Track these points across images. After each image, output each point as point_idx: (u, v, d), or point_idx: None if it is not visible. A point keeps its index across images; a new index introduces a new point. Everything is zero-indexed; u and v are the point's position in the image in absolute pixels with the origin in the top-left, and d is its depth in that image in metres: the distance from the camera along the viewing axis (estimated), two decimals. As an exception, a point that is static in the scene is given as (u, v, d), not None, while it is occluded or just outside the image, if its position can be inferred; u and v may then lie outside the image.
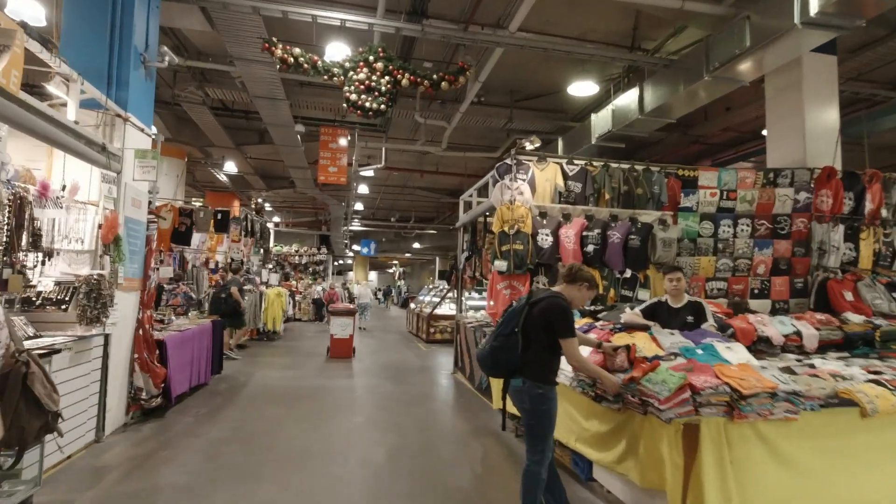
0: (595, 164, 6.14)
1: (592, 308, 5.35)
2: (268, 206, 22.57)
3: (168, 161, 12.90)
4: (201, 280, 10.97)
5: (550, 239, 5.83)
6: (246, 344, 11.06)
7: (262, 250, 13.23)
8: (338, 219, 22.49)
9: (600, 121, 8.98)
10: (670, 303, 4.24)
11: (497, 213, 5.82)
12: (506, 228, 5.73)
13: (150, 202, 5.38)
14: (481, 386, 6.80)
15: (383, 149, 12.17)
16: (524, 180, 5.87)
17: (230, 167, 15.16)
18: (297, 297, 18.29)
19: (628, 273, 5.99)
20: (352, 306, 10.50)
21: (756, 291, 6.35)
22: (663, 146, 12.22)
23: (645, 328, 3.94)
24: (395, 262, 42.22)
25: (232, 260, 11.26)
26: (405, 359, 10.32)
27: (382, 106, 6.02)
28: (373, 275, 44.93)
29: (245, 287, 11.24)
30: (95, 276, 4.16)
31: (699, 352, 3.19)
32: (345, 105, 6.09)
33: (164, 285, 8.98)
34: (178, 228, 9.23)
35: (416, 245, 30.91)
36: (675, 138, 11.56)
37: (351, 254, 35.11)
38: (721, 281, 6.33)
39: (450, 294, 13.38)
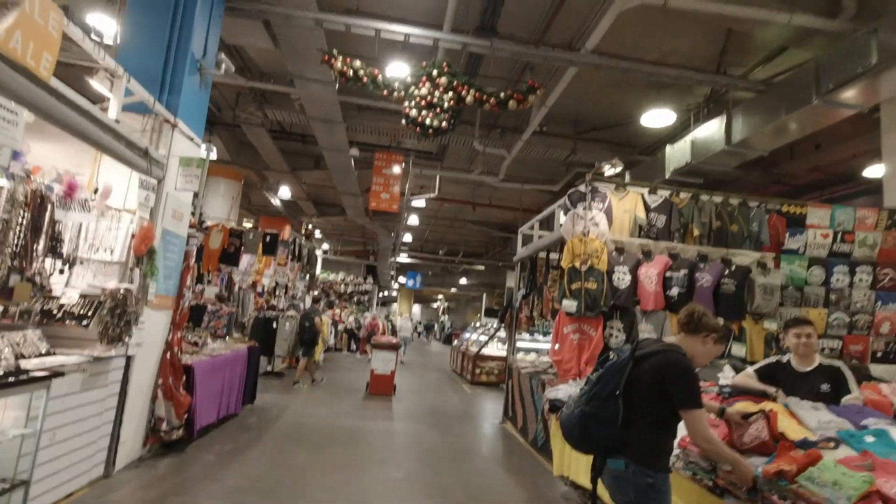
0: (682, 195, 5.35)
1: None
2: (318, 234, 22.72)
3: (225, 183, 13.06)
4: (247, 303, 10.72)
5: (629, 278, 5.04)
6: (283, 372, 10.61)
7: (307, 276, 12.97)
8: (385, 249, 22.27)
9: (676, 153, 8.18)
10: (795, 364, 3.34)
11: (567, 247, 5.11)
12: (577, 264, 5.00)
13: (193, 215, 5.03)
14: (536, 442, 5.93)
15: (437, 177, 11.78)
16: (600, 210, 5.16)
17: (284, 192, 15.24)
18: (340, 327, 17.91)
19: (721, 322, 5.07)
20: (395, 340, 9.89)
21: (879, 355, 5.26)
22: (740, 184, 11.13)
23: (764, 395, 3.08)
24: (440, 296, 41.62)
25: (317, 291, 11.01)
26: (449, 402, 9.51)
27: (444, 123, 5.54)
28: (416, 308, 44.43)
29: (289, 314, 10.90)
30: (122, 291, 3.76)
31: (868, 439, 2.32)
32: (403, 122, 5.66)
33: (209, 306, 8.71)
34: (226, 249, 9.05)
35: (463, 280, 30.26)
36: (756, 177, 10.50)
37: (396, 286, 34.88)
38: (834, 339, 5.29)
39: (499, 333, 12.55)
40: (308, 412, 7.21)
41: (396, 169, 10.72)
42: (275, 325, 10.13)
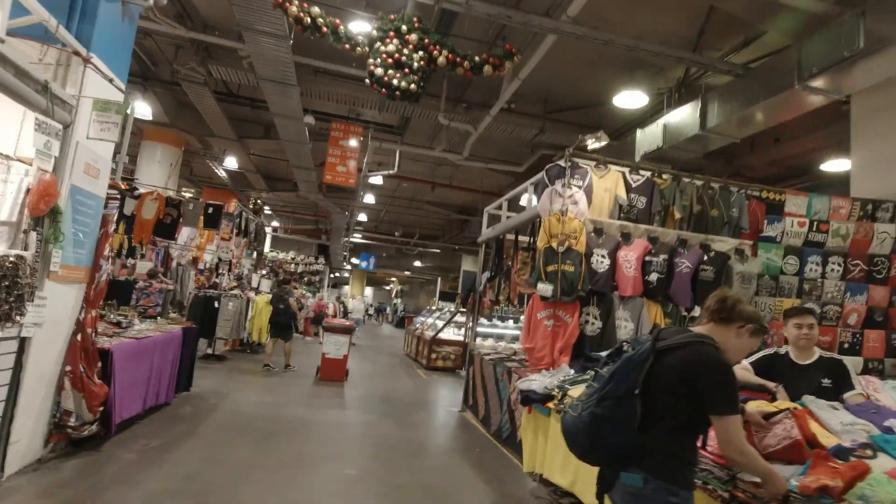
0: (664, 176, 5.06)
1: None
2: (267, 210, 21.50)
3: (162, 148, 11.89)
4: (186, 280, 9.80)
5: (607, 262, 4.71)
6: (226, 356, 9.80)
7: (255, 253, 12.08)
8: (339, 228, 21.37)
9: (648, 137, 7.96)
10: (794, 357, 3.09)
11: (544, 226, 4.72)
12: (554, 245, 4.62)
13: (114, 173, 4.25)
14: (500, 434, 5.59)
15: (397, 152, 11.15)
16: (580, 188, 4.78)
17: (230, 162, 14.14)
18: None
19: (697, 311, 4.85)
20: (348, 322, 9.31)
21: (846, 346, 5.22)
22: (704, 174, 11.21)
23: (763, 390, 2.80)
24: (394, 279, 41.00)
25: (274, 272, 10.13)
26: (405, 388, 9.06)
27: (413, 85, 4.97)
28: (368, 290, 43.60)
29: (232, 292, 10.06)
30: (12, 259, 3.01)
31: (903, 445, 2.04)
32: (367, 81, 5.05)
33: (140, 282, 7.82)
34: (162, 220, 8.14)
35: (418, 263, 29.76)
36: (719, 167, 10.54)
37: (349, 266, 33.93)
38: (804, 330, 5.19)
39: (456, 318, 12.19)
40: (251, 400, 6.56)
41: (354, 141, 10.02)
42: (216, 304, 9.30)
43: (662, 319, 4.77)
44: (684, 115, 7.24)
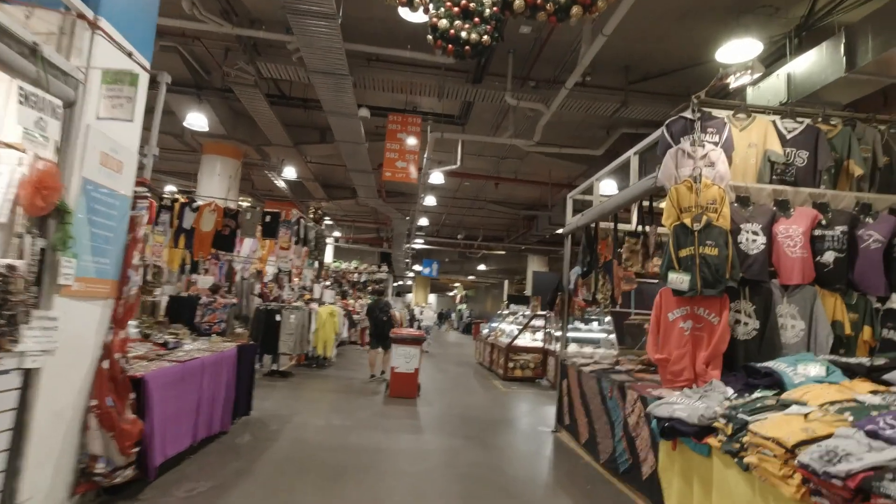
0: (833, 121, 3.78)
1: (848, 360, 2.98)
2: (328, 221, 21.36)
3: (221, 161, 11.71)
4: (250, 293, 9.40)
5: (762, 239, 3.51)
6: (291, 371, 9.26)
7: (316, 262, 11.59)
8: (400, 235, 20.79)
9: (765, 93, 6.53)
10: None
11: (670, 197, 3.58)
12: (687, 221, 3.48)
13: (141, 167, 3.59)
14: (615, 466, 4.45)
15: (460, 144, 10.26)
16: (715, 145, 3.62)
17: (289, 172, 13.86)
18: (356, 317, 16.54)
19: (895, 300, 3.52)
20: (417, 332, 8.48)
21: None
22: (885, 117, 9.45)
23: None
24: (458, 284, 40.25)
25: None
26: (484, 404, 8.08)
27: (485, 37, 4.02)
28: (432, 297, 43.11)
29: (294, 304, 9.54)
30: (1, 270, 2.34)
31: None
32: (429, 38, 4.15)
33: (203, 297, 7.35)
34: (220, 231, 7.72)
35: (482, 267, 28.75)
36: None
37: (412, 274, 33.52)
38: None
39: (535, 322, 11.06)
40: (317, 424, 5.82)
41: (413, 135, 9.22)
42: (278, 317, 8.76)
43: (845, 315, 3.48)
44: (818, 59, 5.79)
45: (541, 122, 8.76)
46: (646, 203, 5.23)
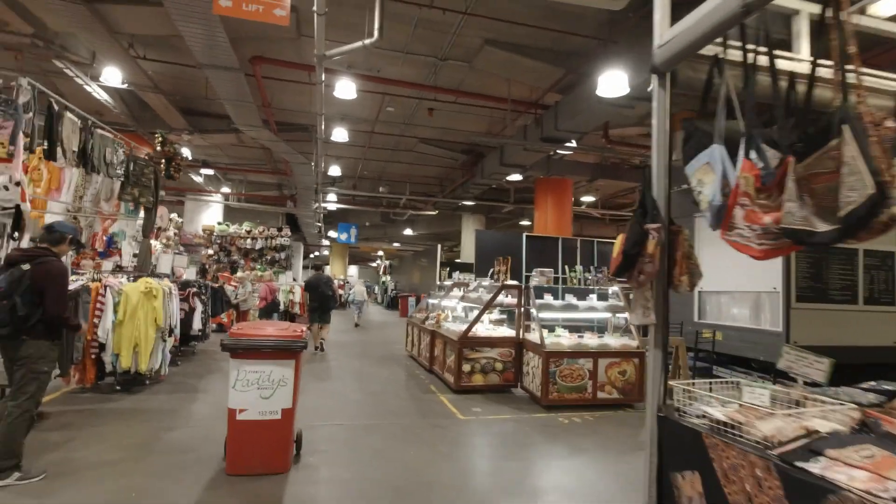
0: None
1: None
2: (208, 171, 16.13)
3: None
4: None
5: None
6: (46, 413, 4.79)
7: (140, 208, 6.90)
8: (307, 191, 16.09)
9: None
10: None
11: None
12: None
13: None
14: None
15: (377, 2, 6.00)
16: None
17: (112, 77, 8.79)
18: (237, 293, 11.95)
19: None
20: (297, 331, 4.40)
21: None
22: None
23: None
24: (380, 252, 35.96)
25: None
26: (432, 467, 4.17)
27: None
28: (353, 269, 38.50)
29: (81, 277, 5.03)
30: None
31: None
32: None
33: None
34: None
35: (408, 231, 24.66)
36: None
37: (327, 242, 28.73)
38: None
39: (500, 298, 7.25)
40: None
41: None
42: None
43: None
44: None
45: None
46: None
